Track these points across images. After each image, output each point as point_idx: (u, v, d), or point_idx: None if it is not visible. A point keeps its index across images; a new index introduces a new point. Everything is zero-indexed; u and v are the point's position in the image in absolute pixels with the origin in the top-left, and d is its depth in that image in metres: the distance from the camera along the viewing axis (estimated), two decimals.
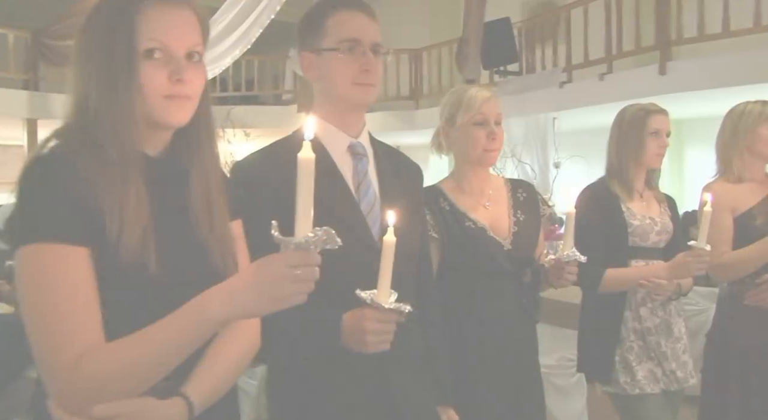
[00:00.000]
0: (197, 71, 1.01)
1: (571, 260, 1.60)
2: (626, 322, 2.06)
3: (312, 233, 0.86)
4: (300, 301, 0.89)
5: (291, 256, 0.86)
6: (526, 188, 1.85)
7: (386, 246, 1.10)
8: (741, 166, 2.21)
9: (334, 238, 0.88)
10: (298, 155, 0.87)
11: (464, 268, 1.69)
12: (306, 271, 0.87)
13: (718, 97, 5.82)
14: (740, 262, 2.11)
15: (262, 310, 0.89)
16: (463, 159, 1.78)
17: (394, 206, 1.33)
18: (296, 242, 0.86)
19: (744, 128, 2.21)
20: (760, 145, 2.20)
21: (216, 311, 0.88)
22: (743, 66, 5.43)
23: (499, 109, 1.74)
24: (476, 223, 1.72)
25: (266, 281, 0.87)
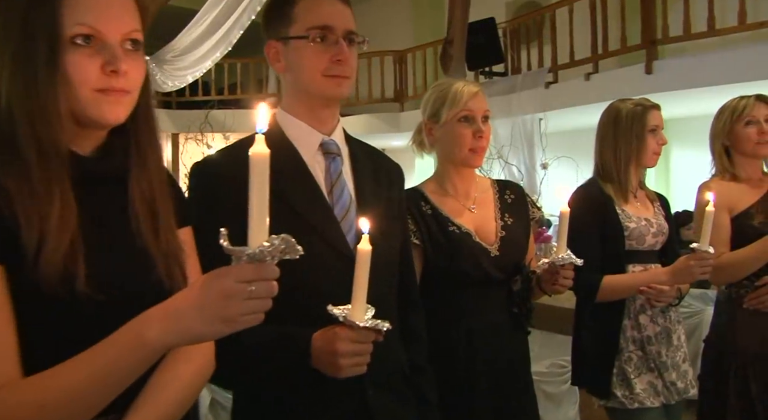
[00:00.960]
0: (135, 62, 0.88)
1: (566, 264, 1.47)
2: (625, 332, 1.94)
3: (268, 242, 0.73)
4: (255, 323, 0.76)
5: (243, 270, 0.74)
6: (515, 190, 1.73)
7: (360, 256, 0.97)
8: (727, 165, 2.13)
9: (294, 247, 0.75)
10: (250, 151, 0.74)
11: (449, 277, 1.57)
12: (261, 287, 0.75)
13: (704, 96, 5.81)
14: (739, 263, 2.01)
15: (210, 333, 0.76)
16: (447, 159, 1.66)
17: (372, 210, 1.21)
18: (250, 253, 0.73)
19: (721, 127, 2.12)
20: (739, 143, 2.11)
21: (154, 336, 0.75)
22: (729, 65, 5.43)
23: (486, 105, 1.62)
24: (461, 228, 1.60)
25: (214, 299, 0.74)
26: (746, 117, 2.10)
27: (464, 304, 1.57)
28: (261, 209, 0.75)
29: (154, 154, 0.94)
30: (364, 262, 0.97)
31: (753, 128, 2.09)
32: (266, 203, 0.75)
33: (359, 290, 0.97)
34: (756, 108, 2.10)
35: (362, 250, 0.97)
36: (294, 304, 1.13)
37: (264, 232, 0.75)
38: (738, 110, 2.10)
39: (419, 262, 1.54)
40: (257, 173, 0.75)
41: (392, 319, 1.28)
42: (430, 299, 1.51)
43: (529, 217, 1.70)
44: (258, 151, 0.75)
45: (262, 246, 0.73)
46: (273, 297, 0.77)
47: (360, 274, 0.97)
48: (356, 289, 0.97)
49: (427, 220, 1.58)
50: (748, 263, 2.01)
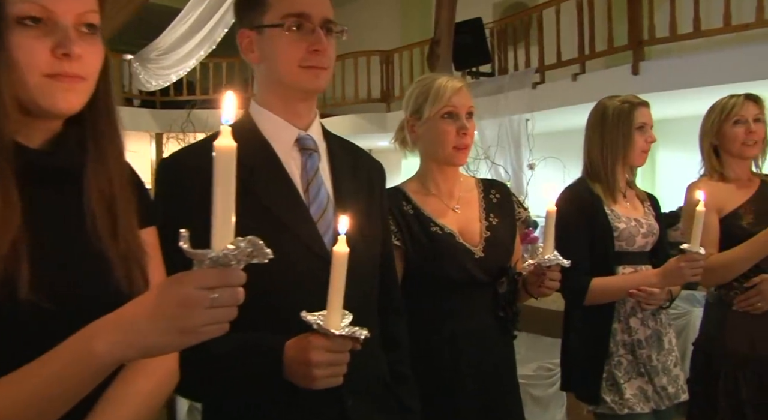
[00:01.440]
0: (92, 46, 0.81)
1: (552, 265, 1.42)
2: (615, 335, 1.89)
3: (233, 245, 0.67)
4: (218, 333, 0.69)
5: (205, 275, 0.67)
6: (500, 189, 1.68)
7: (337, 258, 0.91)
8: (716, 165, 2.09)
9: (262, 250, 0.69)
10: (214, 144, 0.67)
11: (431, 279, 1.51)
12: (225, 294, 0.68)
13: (690, 97, 5.81)
14: (728, 264, 1.97)
15: (167, 345, 0.70)
16: (430, 156, 1.60)
17: (351, 210, 1.15)
18: (212, 257, 0.67)
19: (710, 126, 2.09)
20: (726, 143, 2.08)
21: (102, 349, 0.68)
22: (715, 66, 5.44)
23: (470, 101, 1.56)
24: (444, 229, 1.54)
25: (172, 308, 0.67)
26: (734, 116, 2.06)
27: (448, 307, 1.51)
28: (226, 208, 0.68)
29: (114, 148, 0.87)
30: (340, 266, 0.91)
31: (741, 128, 2.05)
32: (232, 201, 0.68)
33: (335, 295, 0.91)
34: (744, 107, 2.06)
35: (338, 253, 0.91)
36: (266, 309, 1.06)
37: (229, 233, 0.68)
38: (726, 109, 2.07)
39: (401, 263, 1.48)
40: (222, 168, 0.68)
41: (372, 324, 1.22)
42: (412, 302, 1.45)
43: (515, 217, 1.65)
44: (223, 143, 0.68)
45: (226, 249, 0.67)
46: (239, 305, 0.71)
47: (336, 278, 0.91)
48: (332, 294, 0.91)
49: (408, 221, 1.52)
50: (738, 264, 1.97)
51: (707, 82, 5.43)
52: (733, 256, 1.96)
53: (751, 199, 2.06)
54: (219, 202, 0.67)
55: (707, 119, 2.12)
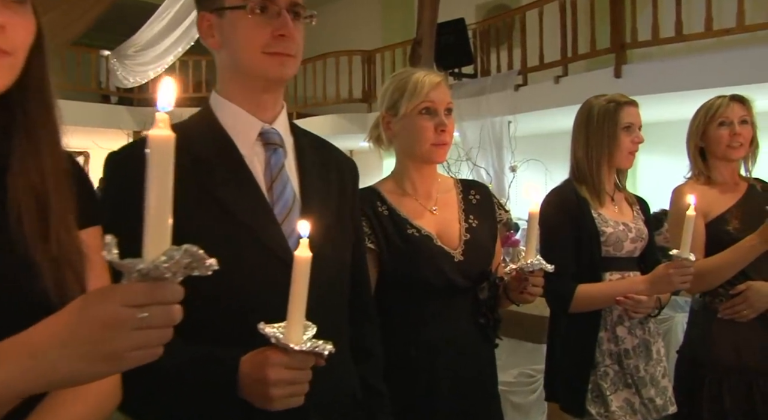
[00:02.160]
0: (19, 17, 0.71)
1: (535, 270, 1.33)
2: (601, 345, 1.81)
3: (165, 256, 0.57)
4: (149, 359, 0.59)
5: (133, 291, 0.57)
6: (480, 190, 1.59)
7: (298, 264, 0.81)
8: (702, 167, 2.04)
9: (202, 262, 0.59)
10: (148, 134, 0.57)
11: (407, 285, 1.42)
12: (156, 313, 0.58)
13: (672, 101, 5.81)
14: (714, 270, 1.91)
15: (85, 374, 0.60)
16: (407, 155, 1.51)
17: (319, 210, 1.06)
18: (142, 268, 0.57)
19: (695, 127, 2.03)
20: (711, 145, 2.02)
21: (6, 379, 0.57)
22: (696, 70, 5.45)
23: (449, 96, 1.48)
24: (421, 231, 1.45)
25: (92, 330, 0.57)
26: (719, 117, 2.01)
27: (425, 314, 1.42)
28: (161, 210, 0.58)
29: (48, 136, 0.77)
30: (302, 272, 0.81)
31: (725, 130, 2.00)
32: (168, 202, 0.58)
33: (296, 305, 0.82)
34: (730, 108, 2.01)
35: (300, 258, 0.81)
36: (224, 319, 0.97)
37: (164, 239, 0.58)
38: (711, 110, 2.01)
39: (374, 268, 1.39)
40: (157, 163, 0.58)
41: (342, 334, 1.13)
42: (386, 309, 1.36)
43: (496, 219, 1.56)
44: (159, 133, 0.58)
45: (157, 260, 0.57)
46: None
47: (297, 285, 0.81)
48: (293, 303, 0.82)
49: (383, 222, 1.43)
50: (724, 270, 1.91)
51: (688, 86, 5.43)
52: (719, 262, 1.90)
53: (738, 204, 2.00)
54: (153, 202, 0.58)
55: (693, 120, 2.07)
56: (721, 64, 5.30)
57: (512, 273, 1.36)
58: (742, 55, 5.22)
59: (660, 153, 6.58)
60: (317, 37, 10.42)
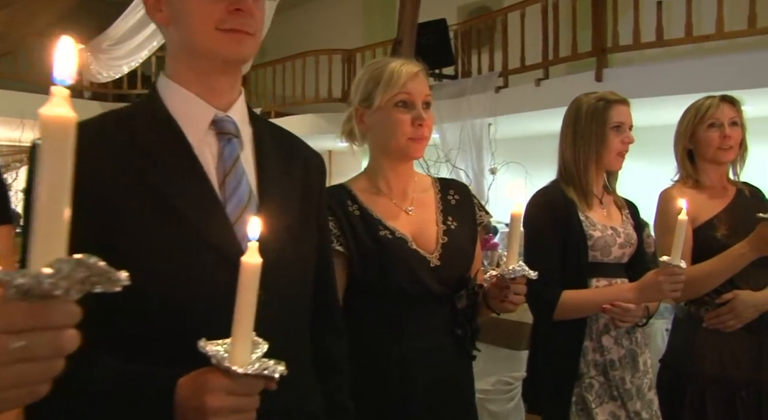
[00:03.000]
0: None
1: (517, 277, 1.23)
2: (586, 355, 1.71)
3: (53, 268, 0.44)
4: (28, 401, 0.47)
5: (6, 312, 0.45)
6: (459, 190, 1.48)
7: (245, 272, 0.69)
8: (690, 170, 1.95)
9: (107, 275, 0.46)
10: (39, 112, 0.45)
11: (379, 292, 1.31)
12: (40, 342, 0.46)
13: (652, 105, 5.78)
14: (701, 279, 1.82)
15: None
16: (382, 150, 1.40)
17: (280, 208, 0.94)
18: (21, 284, 0.44)
19: (684, 128, 1.94)
20: (700, 147, 1.94)
21: None
22: (676, 76, 5.45)
23: (427, 88, 1.37)
24: (395, 233, 1.34)
25: None
26: (709, 119, 1.92)
27: (397, 324, 1.31)
28: (54, 209, 0.46)
29: None
30: (250, 281, 0.69)
31: (715, 131, 1.92)
32: (64, 199, 0.46)
33: (243, 320, 0.70)
34: (720, 110, 1.93)
35: (248, 265, 0.69)
36: (163, 334, 0.84)
37: (56, 246, 0.45)
38: (701, 111, 1.93)
39: (343, 273, 1.28)
40: (51, 149, 0.46)
41: (303, 348, 1.01)
42: (355, 319, 1.25)
43: (476, 221, 1.45)
44: (54, 112, 0.46)
45: (40, 272, 0.44)
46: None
47: (244, 296, 0.70)
48: (238, 318, 0.70)
49: (353, 223, 1.31)
50: (712, 278, 1.83)
51: (669, 91, 5.42)
52: (708, 270, 1.82)
53: (727, 209, 1.92)
54: (44, 199, 0.45)
55: (681, 122, 1.98)
56: (701, 69, 5.30)
57: (492, 280, 1.25)
58: (721, 62, 5.23)
59: (638, 158, 6.56)
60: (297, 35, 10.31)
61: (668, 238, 1.78)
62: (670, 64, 5.60)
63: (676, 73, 5.44)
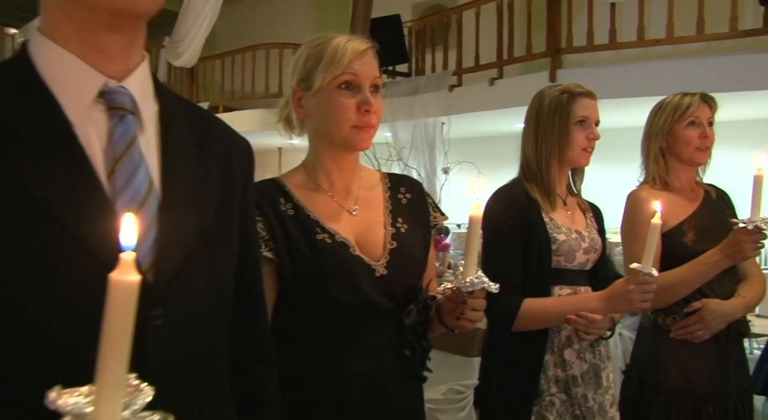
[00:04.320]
0: None
1: (476, 289, 1.06)
2: (547, 370, 1.57)
3: None
4: None
5: None
6: (411, 187, 1.30)
7: (116, 293, 0.50)
8: (662, 171, 1.83)
9: None
10: None
11: (314, 305, 1.12)
12: None
13: (605, 107, 5.77)
14: (671, 287, 1.71)
15: None
16: (322, 139, 1.21)
17: (190, 206, 0.76)
18: None
19: (658, 126, 1.82)
20: (677, 146, 1.82)
21: None
22: (629, 79, 5.46)
23: (376, 70, 1.19)
24: (335, 236, 1.15)
25: None
26: (690, 117, 1.81)
27: (336, 343, 1.13)
28: None
29: None
30: (122, 306, 0.50)
31: (695, 131, 1.81)
32: None
33: (113, 358, 0.50)
34: (701, 108, 1.82)
35: (119, 283, 0.50)
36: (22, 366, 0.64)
37: None
38: (681, 108, 1.81)
39: (273, 283, 1.09)
40: None
41: (217, 382, 0.82)
42: (286, 338, 1.06)
43: (430, 223, 1.28)
44: None
45: None
46: None
47: (115, 326, 0.50)
48: (106, 356, 0.50)
49: (286, 225, 1.12)
50: (683, 286, 1.72)
51: (619, 94, 5.43)
52: (677, 278, 1.70)
53: (695, 213, 1.81)
54: None
55: (657, 117, 1.85)
56: (651, 73, 5.32)
57: (447, 292, 1.08)
58: (669, 66, 5.27)
59: (592, 160, 6.58)
60: (247, 27, 10.00)
61: (637, 243, 1.66)
62: (620, 67, 5.63)
63: (627, 76, 5.47)
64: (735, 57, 5.11)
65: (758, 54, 5.02)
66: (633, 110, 5.26)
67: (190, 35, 8.63)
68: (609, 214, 1.78)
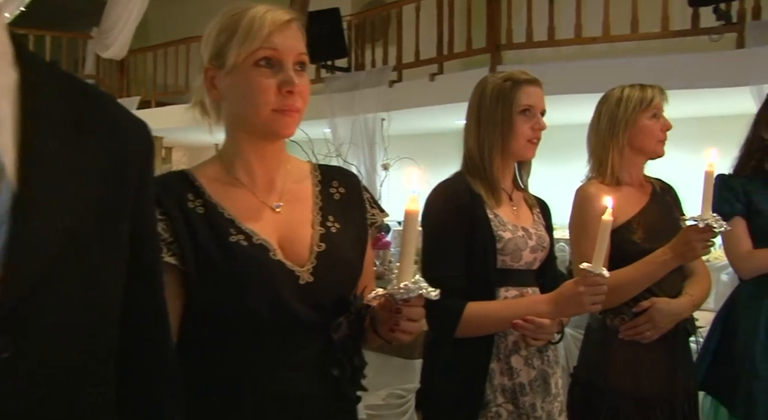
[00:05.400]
0: None
1: (413, 297, 0.93)
2: (492, 378, 1.46)
3: None
4: None
5: None
6: (345, 181, 1.15)
7: None
8: (620, 165, 1.75)
9: None
10: None
11: (227, 319, 0.97)
12: None
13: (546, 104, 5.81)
14: (620, 287, 1.62)
15: None
16: (239, 125, 1.05)
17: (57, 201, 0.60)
18: None
19: (624, 118, 1.74)
20: (641, 137, 1.74)
21: None
22: (567, 76, 5.47)
23: (303, 44, 1.04)
24: (252, 238, 1.00)
25: None
26: (654, 108, 1.74)
27: (252, 362, 0.97)
28: None
29: None
30: None
31: (658, 123, 1.74)
32: None
33: None
34: (661, 100, 1.77)
35: None
36: None
37: None
38: (646, 99, 1.73)
39: (177, 294, 0.93)
40: None
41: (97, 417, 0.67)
42: (195, 356, 0.90)
43: (366, 221, 1.14)
44: None
45: None
46: None
47: None
48: None
49: (194, 225, 0.96)
50: (632, 287, 1.64)
51: (557, 91, 5.44)
52: (627, 278, 1.62)
53: (645, 210, 1.74)
54: None
55: (619, 108, 1.74)
56: (588, 71, 5.37)
57: (380, 300, 0.94)
58: (605, 65, 5.32)
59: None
60: (182, 19, 9.58)
61: (587, 241, 1.57)
62: (559, 65, 5.66)
63: (564, 74, 5.49)
64: (667, 57, 5.23)
65: (688, 54, 5.14)
66: (570, 108, 5.32)
67: (119, 25, 8.23)
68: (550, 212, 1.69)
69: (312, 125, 7.23)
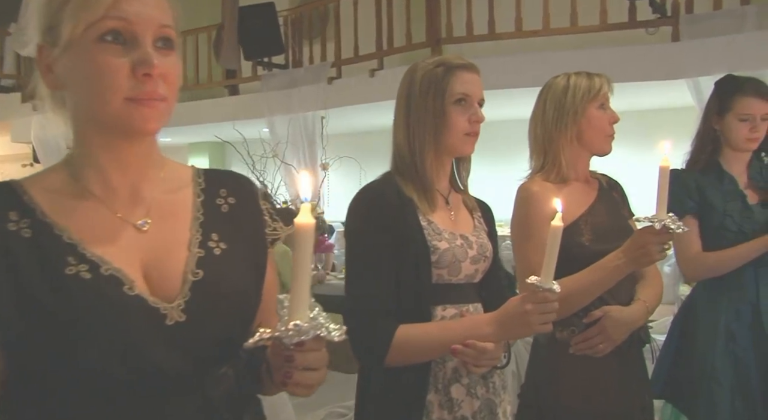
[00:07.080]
0: None
1: (306, 339, 0.68)
2: (431, 412, 1.26)
3: None
4: None
5: None
6: (237, 189, 0.91)
7: None
8: (574, 158, 1.58)
9: None
10: None
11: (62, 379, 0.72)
12: None
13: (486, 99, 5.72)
14: (569, 296, 1.43)
15: None
16: (87, 122, 0.80)
17: None
18: None
19: (572, 108, 1.56)
20: (590, 131, 1.57)
21: None
22: (508, 70, 5.41)
23: (166, 14, 0.80)
24: (100, 267, 0.76)
25: None
26: (601, 99, 1.58)
27: None
28: None
29: None
30: None
31: (606, 114, 1.58)
32: None
33: None
34: (608, 90, 1.61)
35: None
36: None
37: None
38: (594, 89, 1.56)
39: None
40: None
41: None
42: None
43: (266, 239, 0.91)
44: None
45: None
46: None
47: None
48: None
49: (14, 254, 0.72)
50: (583, 295, 1.47)
51: (498, 85, 5.37)
52: (577, 286, 1.44)
53: (592, 208, 1.58)
54: None
55: (563, 97, 1.57)
56: (529, 64, 5.29)
57: (266, 343, 0.71)
58: (546, 58, 5.27)
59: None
60: None
61: (530, 244, 1.40)
62: (500, 59, 5.60)
63: (505, 68, 5.44)
64: (606, 49, 5.21)
65: (625, 47, 5.14)
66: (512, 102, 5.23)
67: None
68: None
69: (249, 125, 6.94)
